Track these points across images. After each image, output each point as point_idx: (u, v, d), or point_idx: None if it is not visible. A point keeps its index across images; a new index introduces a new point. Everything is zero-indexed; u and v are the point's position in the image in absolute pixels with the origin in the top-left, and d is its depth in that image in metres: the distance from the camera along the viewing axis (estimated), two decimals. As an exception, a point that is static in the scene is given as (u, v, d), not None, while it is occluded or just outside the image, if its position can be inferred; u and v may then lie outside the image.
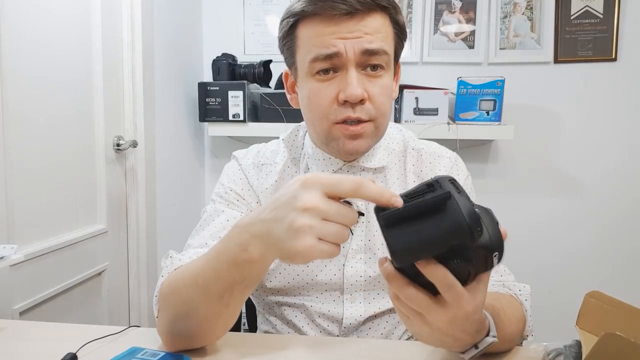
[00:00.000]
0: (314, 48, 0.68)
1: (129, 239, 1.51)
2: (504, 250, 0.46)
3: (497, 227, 0.45)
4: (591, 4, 1.79)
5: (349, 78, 0.67)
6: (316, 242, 0.46)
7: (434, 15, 1.88)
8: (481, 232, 0.43)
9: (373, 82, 0.69)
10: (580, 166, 1.87)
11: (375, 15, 0.68)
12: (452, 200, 0.41)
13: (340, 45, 0.66)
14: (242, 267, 0.53)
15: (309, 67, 0.69)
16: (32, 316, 1.08)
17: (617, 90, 1.82)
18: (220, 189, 0.82)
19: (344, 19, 0.66)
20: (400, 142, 0.85)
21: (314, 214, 0.46)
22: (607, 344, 0.46)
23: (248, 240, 0.52)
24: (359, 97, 0.67)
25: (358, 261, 0.77)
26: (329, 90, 0.69)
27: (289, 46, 0.73)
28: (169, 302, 0.62)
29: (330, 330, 0.78)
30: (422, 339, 0.51)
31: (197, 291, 0.57)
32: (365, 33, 0.67)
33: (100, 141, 1.34)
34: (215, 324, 0.61)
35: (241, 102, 1.74)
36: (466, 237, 0.41)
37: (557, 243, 1.91)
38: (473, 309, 0.46)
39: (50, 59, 1.14)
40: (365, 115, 0.69)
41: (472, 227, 0.41)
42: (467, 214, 0.41)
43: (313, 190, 0.47)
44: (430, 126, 1.68)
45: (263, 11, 1.96)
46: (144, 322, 1.53)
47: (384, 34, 0.69)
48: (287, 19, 0.71)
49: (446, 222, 0.41)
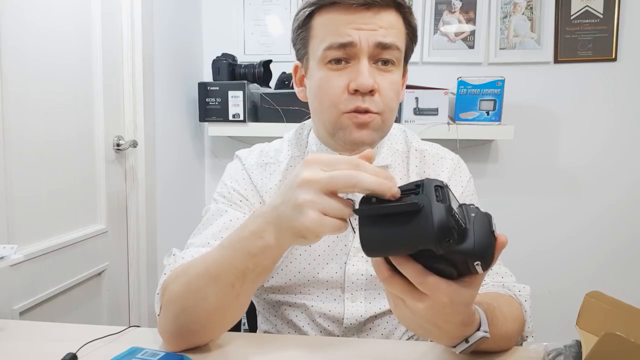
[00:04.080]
0: (329, 36, 0.69)
1: (129, 239, 1.51)
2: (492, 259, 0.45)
3: (490, 236, 0.45)
4: (591, 4, 1.79)
5: (361, 68, 0.68)
6: (320, 216, 0.48)
7: (434, 15, 1.88)
8: (454, 241, 0.43)
9: (383, 76, 0.70)
10: (580, 166, 1.87)
11: (390, 12, 0.69)
12: (426, 208, 0.42)
13: (354, 36, 0.67)
14: (256, 254, 0.55)
15: (322, 55, 0.70)
16: (32, 316, 1.08)
17: (617, 90, 1.82)
18: (223, 189, 0.82)
19: (361, 9, 0.67)
20: (403, 142, 0.85)
21: (312, 188, 0.48)
22: (607, 344, 0.46)
23: (263, 227, 0.54)
24: (369, 87, 0.68)
25: (360, 259, 0.77)
26: (340, 79, 0.70)
27: (302, 36, 0.74)
28: (174, 297, 0.62)
29: (331, 330, 0.78)
30: (405, 323, 0.52)
31: (208, 281, 0.58)
32: (380, 26, 0.68)
33: (100, 141, 1.34)
34: (224, 315, 0.61)
35: (241, 102, 1.74)
36: (432, 245, 0.42)
37: (557, 243, 1.91)
38: (450, 302, 0.46)
39: (50, 59, 1.14)
40: (374, 107, 0.70)
41: (440, 237, 0.42)
42: (438, 223, 0.42)
43: (312, 167, 0.49)
44: (430, 126, 1.68)
45: (263, 11, 1.96)
46: (144, 322, 1.53)
47: (398, 31, 0.71)
48: (304, 9, 0.72)
49: (415, 228, 0.43)
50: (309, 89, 0.76)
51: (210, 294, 0.58)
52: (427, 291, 0.46)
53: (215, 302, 0.59)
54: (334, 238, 0.78)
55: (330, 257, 0.78)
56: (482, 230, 0.45)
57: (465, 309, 0.50)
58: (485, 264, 0.45)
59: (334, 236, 0.78)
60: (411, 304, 0.48)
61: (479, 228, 0.45)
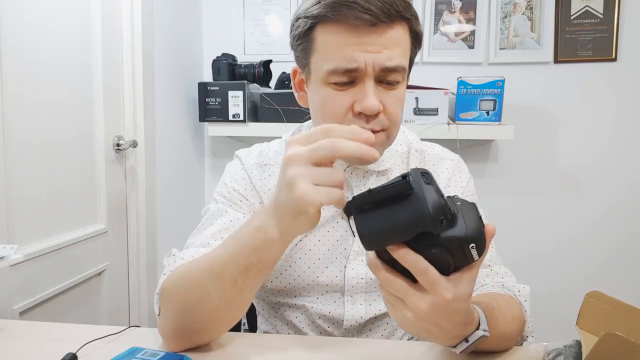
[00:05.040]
0: (334, 60, 0.66)
1: (129, 239, 1.51)
2: (485, 244, 0.47)
3: (479, 221, 0.47)
4: (591, 4, 1.79)
5: (366, 90, 0.66)
6: (311, 185, 0.48)
7: (434, 15, 1.88)
8: (448, 222, 0.45)
9: (388, 94, 0.68)
10: (580, 166, 1.87)
11: (397, 27, 0.66)
12: (417, 190, 0.44)
13: (360, 60, 0.64)
14: (260, 249, 0.55)
15: (326, 76, 0.67)
16: (32, 316, 1.08)
17: (617, 90, 1.82)
18: (223, 189, 0.81)
19: (367, 30, 0.64)
20: (403, 143, 0.85)
21: (297, 162, 0.49)
22: (607, 344, 0.46)
23: (266, 221, 0.54)
24: (375, 111, 0.66)
25: (359, 263, 0.77)
26: (344, 99, 0.67)
27: (304, 47, 0.71)
28: (175, 296, 0.62)
29: (331, 331, 0.78)
30: (406, 328, 0.52)
31: (211, 277, 0.58)
32: (385, 47, 0.65)
33: (100, 141, 1.34)
34: (227, 313, 0.61)
35: (241, 102, 1.74)
36: (429, 225, 0.44)
37: (557, 243, 1.91)
38: (453, 297, 0.47)
39: (50, 59, 1.14)
40: (378, 127, 0.68)
41: (435, 215, 0.44)
42: (431, 202, 0.44)
43: (292, 146, 0.52)
44: (431, 126, 1.68)
45: (263, 11, 1.96)
46: (144, 322, 1.53)
47: (403, 48, 0.68)
48: (304, 19, 0.68)
49: (409, 209, 0.44)
50: (311, 101, 0.74)
51: (212, 291, 0.58)
52: (427, 284, 0.46)
53: (218, 300, 0.59)
54: (334, 242, 0.78)
55: (330, 260, 0.78)
56: (471, 215, 0.47)
57: (465, 305, 0.50)
58: (480, 248, 0.46)
59: (333, 240, 0.78)
60: (412, 304, 0.48)
61: (467, 213, 0.47)
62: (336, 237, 0.78)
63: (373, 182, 0.79)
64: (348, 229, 0.78)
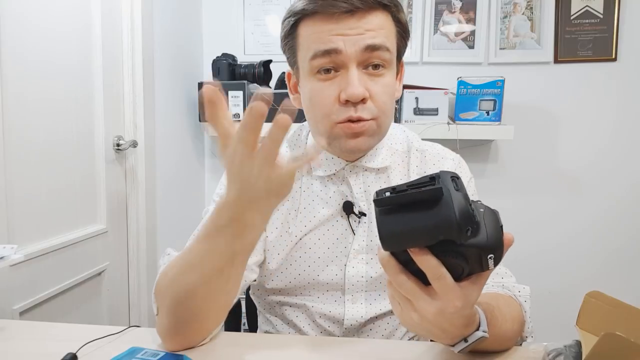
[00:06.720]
0: (313, 45, 0.68)
1: (129, 239, 1.51)
2: (503, 254, 0.46)
3: (500, 230, 0.46)
4: (591, 4, 1.79)
5: (350, 77, 0.67)
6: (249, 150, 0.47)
7: (434, 15, 1.88)
8: (472, 232, 0.43)
9: (375, 81, 0.69)
10: (581, 166, 1.87)
11: (376, 13, 0.68)
12: (447, 196, 0.42)
13: (339, 42, 0.66)
14: (242, 236, 0.53)
15: (309, 65, 0.69)
16: (32, 316, 1.08)
17: (617, 90, 1.82)
18: (223, 190, 0.82)
19: (344, 17, 0.66)
20: (404, 142, 0.85)
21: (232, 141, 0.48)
22: (607, 344, 0.46)
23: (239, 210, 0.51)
24: (360, 97, 0.67)
25: (360, 262, 0.77)
26: (330, 89, 0.69)
27: (290, 45, 0.73)
28: (165, 292, 0.61)
29: (331, 330, 0.78)
30: (410, 327, 0.52)
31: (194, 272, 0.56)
32: (366, 30, 0.66)
33: (100, 141, 1.34)
34: (217, 302, 0.60)
35: (241, 102, 1.74)
36: (454, 234, 0.42)
37: (557, 243, 1.91)
38: (462, 305, 0.46)
39: (50, 59, 1.14)
40: (367, 114, 0.69)
41: (461, 225, 0.42)
42: (459, 211, 0.42)
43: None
44: (431, 126, 1.68)
45: (263, 11, 1.96)
46: (144, 322, 1.53)
47: (387, 31, 0.69)
48: (288, 18, 0.71)
49: (437, 216, 0.42)
50: (302, 99, 0.75)
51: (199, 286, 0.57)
52: (441, 290, 0.46)
53: (207, 291, 0.57)
54: (334, 240, 0.78)
55: (330, 259, 0.78)
56: (493, 224, 0.45)
57: (471, 310, 0.50)
58: (497, 258, 0.45)
59: (333, 238, 0.78)
60: (421, 308, 0.47)
61: (489, 222, 0.45)
62: (336, 235, 0.78)
63: (372, 179, 0.79)
64: (348, 227, 0.78)
